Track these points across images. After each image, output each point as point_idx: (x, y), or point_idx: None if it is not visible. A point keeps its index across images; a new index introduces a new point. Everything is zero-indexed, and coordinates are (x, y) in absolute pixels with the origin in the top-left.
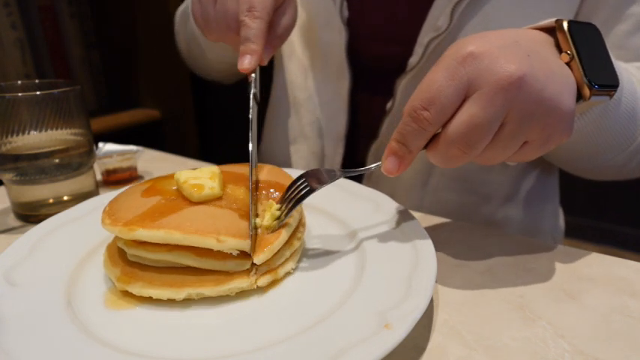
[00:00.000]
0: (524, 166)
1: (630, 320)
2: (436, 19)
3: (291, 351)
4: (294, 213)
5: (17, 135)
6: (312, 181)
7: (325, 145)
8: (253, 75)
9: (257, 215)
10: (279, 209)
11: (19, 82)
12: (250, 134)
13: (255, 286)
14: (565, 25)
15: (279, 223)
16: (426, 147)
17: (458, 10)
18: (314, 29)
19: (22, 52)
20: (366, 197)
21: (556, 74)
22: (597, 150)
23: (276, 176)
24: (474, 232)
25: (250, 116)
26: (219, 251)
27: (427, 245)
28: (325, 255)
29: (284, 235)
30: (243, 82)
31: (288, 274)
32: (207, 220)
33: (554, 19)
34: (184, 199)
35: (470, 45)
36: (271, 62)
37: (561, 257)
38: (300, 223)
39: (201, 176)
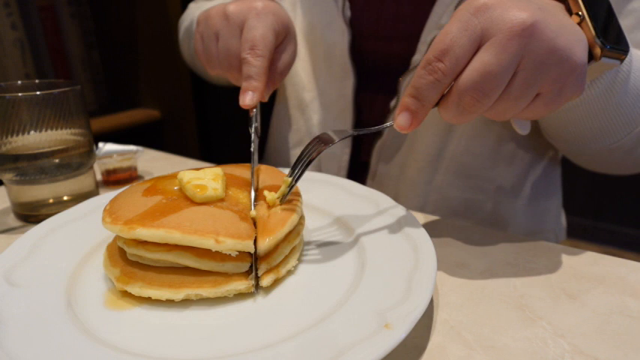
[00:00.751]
0: (528, 161)
1: (630, 320)
2: (439, 17)
3: (291, 351)
4: (298, 208)
5: (17, 135)
6: (322, 142)
7: (333, 145)
8: (255, 110)
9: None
10: (282, 192)
11: (19, 82)
12: (252, 165)
13: (252, 290)
14: None
15: (291, 186)
16: (438, 104)
17: None
18: (317, 30)
19: (22, 52)
20: (366, 197)
21: (568, 28)
22: (604, 129)
23: (275, 179)
24: (474, 232)
25: (252, 149)
26: (218, 252)
27: (427, 245)
28: (325, 255)
29: (289, 223)
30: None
31: (289, 272)
32: (207, 221)
33: None
34: (186, 199)
35: None
36: None
37: (561, 257)
38: (300, 221)
39: (204, 177)
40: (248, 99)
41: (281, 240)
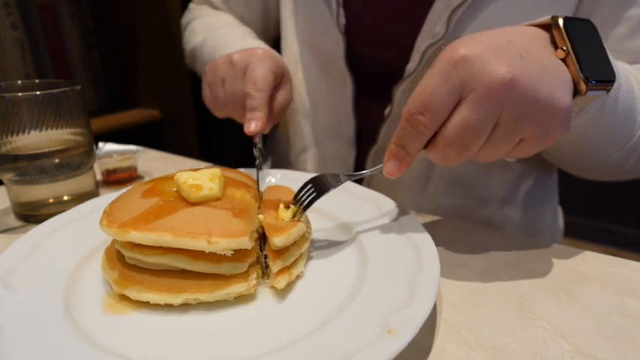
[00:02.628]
0: (522, 168)
1: (630, 320)
2: (433, 25)
3: (294, 357)
4: (305, 219)
5: (17, 135)
6: (319, 186)
7: (338, 148)
8: (258, 136)
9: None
10: (293, 211)
11: (19, 82)
12: (258, 178)
13: (254, 291)
14: (560, 21)
15: (298, 211)
16: (426, 146)
17: (455, 17)
18: (314, 38)
19: (22, 51)
20: (367, 199)
21: (550, 72)
22: (594, 148)
23: (279, 192)
24: (474, 232)
25: (257, 162)
26: (213, 253)
27: (430, 248)
28: (326, 258)
29: (300, 226)
30: None
31: (297, 277)
32: (200, 222)
33: (550, 16)
34: (182, 200)
35: (462, 48)
36: None
37: (561, 257)
38: (307, 230)
39: (201, 177)
40: (252, 127)
41: (295, 238)
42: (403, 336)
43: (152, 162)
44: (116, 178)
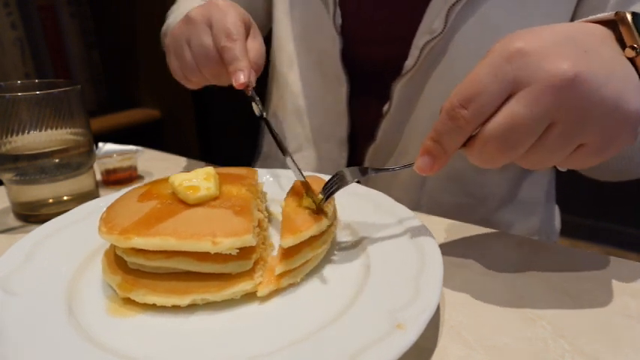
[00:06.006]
0: (520, 168)
1: (630, 320)
2: (431, 21)
3: (305, 353)
4: (330, 213)
5: (17, 135)
6: (344, 177)
7: (331, 149)
8: (250, 88)
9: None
10: (317, 200)
11: (19, 81)
12: (274, 134)
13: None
14: (629, 17)
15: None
16: (464, 145)
17: (453, 13)
18: (310, 37)
19: (21, 51)
20: (366, 197)
21: (618, 71)
22: (629, 153)
23: (314, 182)
24: (474, 232)
25: (265, 116)
26: (218, 254)
27: (431, 244)
28: (331, 258)
29: (318, 225)
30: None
31: (301, 279)
32: (203, 223)
33: (613, 12)
34: (180, 202)
35: (519, 41)
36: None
37: (561, 257)
38: (328, 229)
39: (195, 178)
40: (241, 77)
41: (307, 237)
42: (413, 330)
43: (152, 162)
44: (116, 178)
